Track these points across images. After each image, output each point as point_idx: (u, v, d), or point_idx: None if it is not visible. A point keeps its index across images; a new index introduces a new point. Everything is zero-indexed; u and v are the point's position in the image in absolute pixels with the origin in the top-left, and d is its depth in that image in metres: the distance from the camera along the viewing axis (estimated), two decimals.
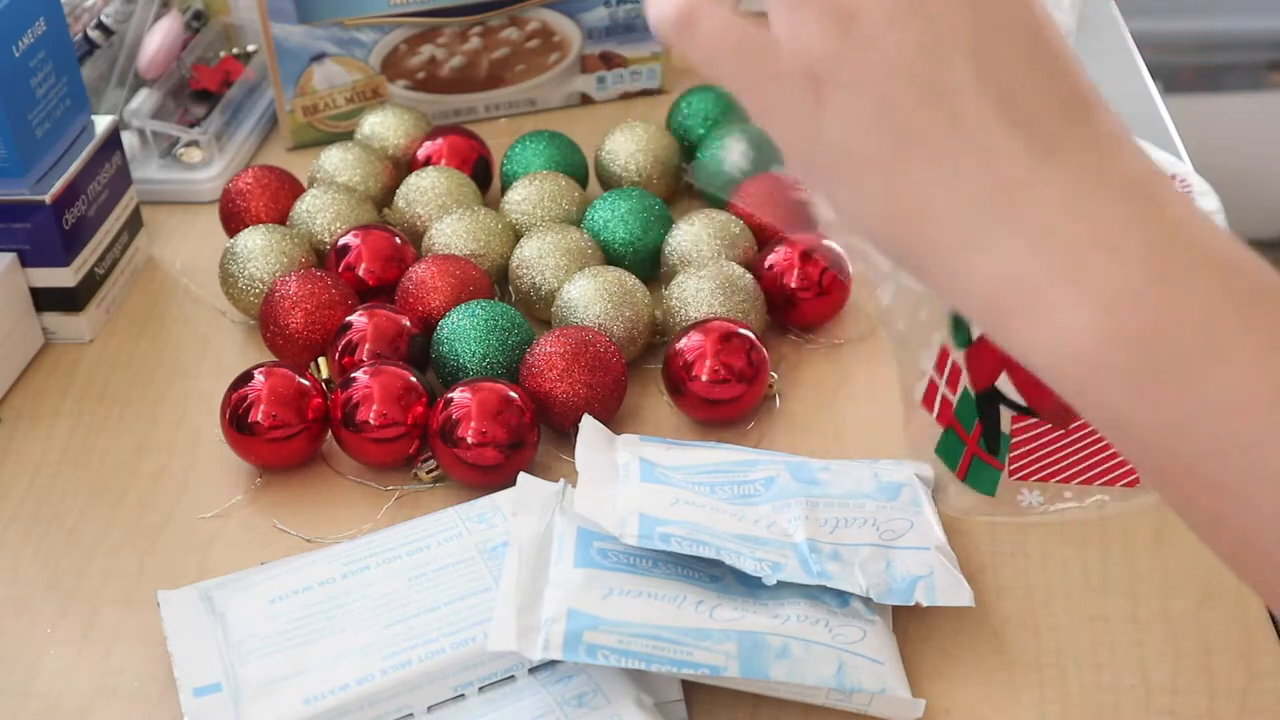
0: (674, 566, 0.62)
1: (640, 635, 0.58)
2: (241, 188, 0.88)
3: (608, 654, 0.57)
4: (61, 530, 0.72)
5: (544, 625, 0.58)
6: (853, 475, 0.68)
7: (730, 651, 0.58)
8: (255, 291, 0.82)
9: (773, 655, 0.59)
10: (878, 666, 0.60)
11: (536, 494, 0.65)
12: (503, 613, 0.59)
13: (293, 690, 0.59)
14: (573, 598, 0.59)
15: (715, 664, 0.58)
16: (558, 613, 0.59)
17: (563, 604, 0.59)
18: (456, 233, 0.83)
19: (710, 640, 0.59)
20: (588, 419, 0.71)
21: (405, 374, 0.73)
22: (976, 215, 0.44)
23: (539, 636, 0.58)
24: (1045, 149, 0.44)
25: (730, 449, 0.71)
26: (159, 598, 0.65)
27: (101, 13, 0.98)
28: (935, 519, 0.66)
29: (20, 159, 0.79)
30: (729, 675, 0.58)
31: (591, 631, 0.58)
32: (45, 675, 0.65)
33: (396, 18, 0.97)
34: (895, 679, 0.60)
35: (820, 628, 0.60)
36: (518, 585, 0.60)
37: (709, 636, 0.59)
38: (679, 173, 0.91)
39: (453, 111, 1.01)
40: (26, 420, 0.79)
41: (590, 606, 0.59)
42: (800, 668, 0.59)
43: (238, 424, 0.72)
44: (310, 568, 0.65)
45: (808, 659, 0.59)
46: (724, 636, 0.59)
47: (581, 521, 0.63)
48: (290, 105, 0.99)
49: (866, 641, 0.61)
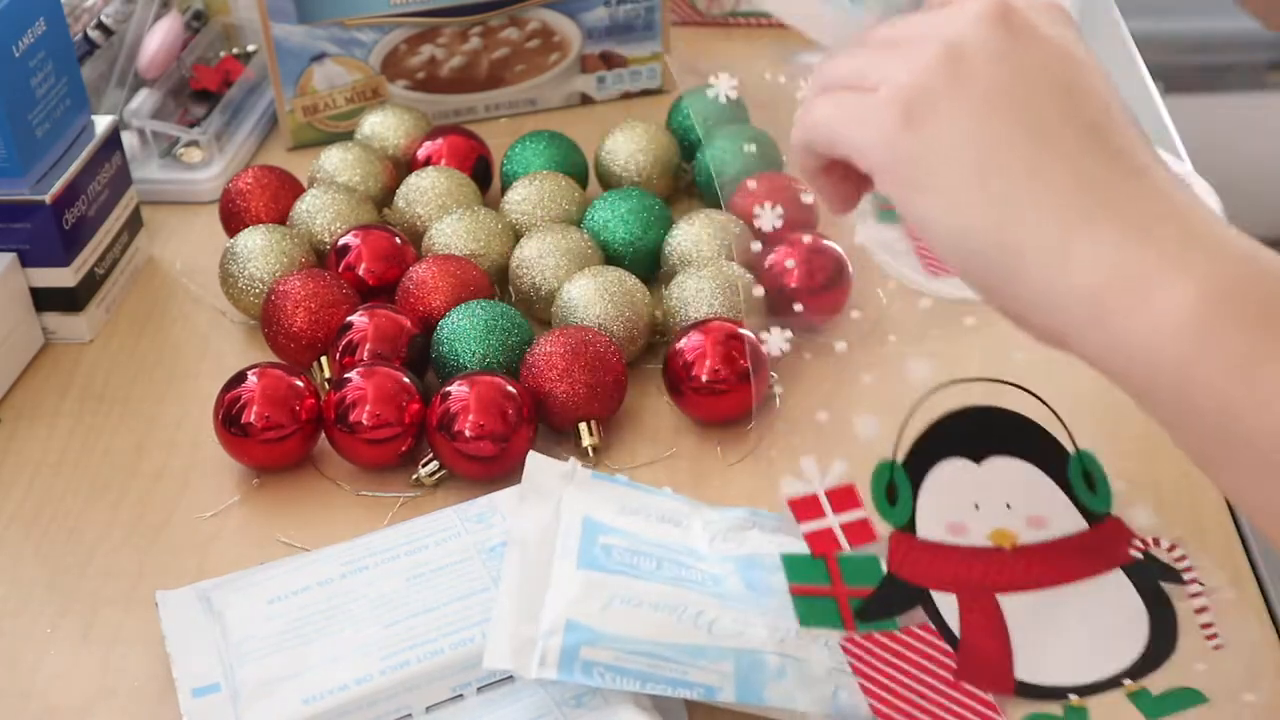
0: (677, 568, 0.62)
1: (637, 652, 0.58)
2: (241, 188, 0.88)
3: (603, 671, 0.57)
4: (61, 530, 0.72)
5: (541, 638, 0.58)
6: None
7: (726, 672, 0.58)
8: (255, 291, 0.82)
9: (769, 676, 0.58)
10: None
11: (546, 474, 0.65)
12: (499, 625, 0.59)
13: (291, 690, 0.59)
14: (572, 607, 0.59)
15: (710, 684, 0.58)
16: (556, 625, 0.58)
17: (561, 615, 0.59)
18: (456, 233, 0.83)
19: (706, 659, 0.58)
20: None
21: (398, 375, 0.73)
22: (1076, 211, 0.47)
23: (535, 652, 0.57)
24: (1134, 170, 0.48)
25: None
26: (158, 598, 0.65)
27: (101, 13, 0.98)
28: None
29: (20, 159, 0.79)
30: (724, 698, 0.58)
31: (589, 647, 0.58)
32: (45, 675, 0.65)
33: (396, 18, 0.97)
34: None
35: (818, 645, 0.60)
36: (518, 588, 0.60)
37: (705, 655, 0.58)
38: (679, 173, 0.91)
39: (453, 111, 1.01)
40: (26, 420, 0.79)
41: (589, 618, 0.59)
42: (795, 692, 0.58)
43: (231, 425, 0.72)
44: (309, 568, 0.65)
45: (804, 681, 0.58)
46: (721, 655, 0.58)
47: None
48: (290, 105, 0.99)
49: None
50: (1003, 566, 0.61)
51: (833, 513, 0.62)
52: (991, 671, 0.60)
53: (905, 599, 0.61)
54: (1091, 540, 0.62)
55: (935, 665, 0.60)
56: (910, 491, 0.62)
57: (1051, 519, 0.62)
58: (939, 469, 0.62)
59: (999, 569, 0.61)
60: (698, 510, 0.67)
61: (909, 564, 0.61)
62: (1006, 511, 0.62)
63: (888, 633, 0.60)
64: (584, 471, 0.66)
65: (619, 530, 0.63)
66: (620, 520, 0.64)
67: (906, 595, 0.61)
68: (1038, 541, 0.62)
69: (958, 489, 0.62)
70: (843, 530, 0.61)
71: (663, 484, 0.69)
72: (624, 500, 0.66)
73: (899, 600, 0.61)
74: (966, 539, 0.62)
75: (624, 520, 0.65)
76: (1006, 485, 0.62)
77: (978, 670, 0.60)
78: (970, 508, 0.62)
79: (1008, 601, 0.61)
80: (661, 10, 1.01)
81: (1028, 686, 0.60)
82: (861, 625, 0.60)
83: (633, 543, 0.63)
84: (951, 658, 0.60)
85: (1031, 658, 0.60)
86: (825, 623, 0.60)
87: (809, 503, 0.62)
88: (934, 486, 0.62)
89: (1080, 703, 0.60)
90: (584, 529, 0.63)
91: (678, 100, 0.94)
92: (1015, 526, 0.62)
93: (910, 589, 0.61)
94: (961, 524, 0.62)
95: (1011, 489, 0.62)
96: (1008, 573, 0.61)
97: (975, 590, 0.61)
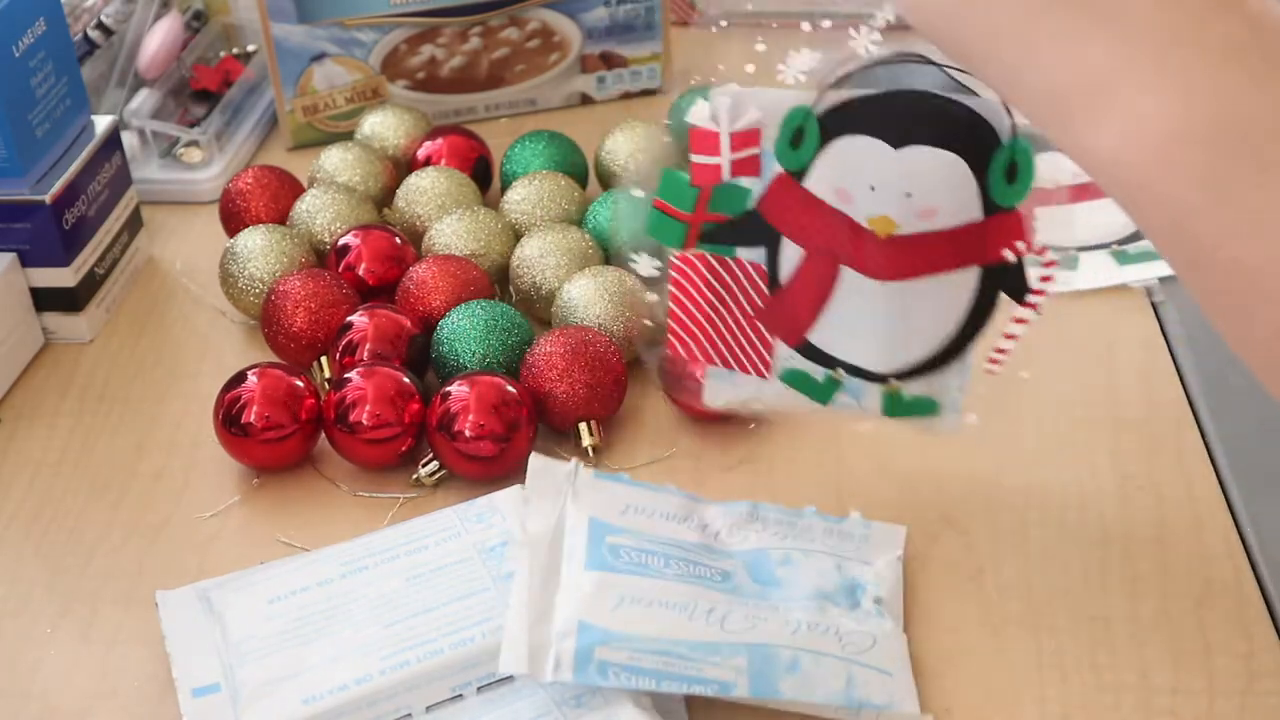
0: (685, 565, 0.62)
1: (650, 651, 0.58)
2: (241, 188, 0.88)
3: (618, 672, 0.57)
4: (61, 530, 0.72)
5: (555, 640, 0.58)
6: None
7: (740, 666, 0.58)
8: (255, 291, 0.82)
9: (782, 669, 0.58)
10: (886, 679, 0.59)
11: (549, 476, 0.65)
12: (512, 630, 0.59)
13: (291, 690, 0.59)
14: (584, 609, 0.59)
15: (725, 680, 0.58)
16: (568, 627, 0.58)
17: (573, 617, 0.59)
18: (456, 233, 0.83)
19: (720, 655, 0.58)
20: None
21: (398, 375, 0.73)
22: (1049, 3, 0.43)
23: (549, 655, 0.57)
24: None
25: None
26: (158, 598, 0.65)
27: (101, 13, 0.98)
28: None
29: (20, 159, 0.79)
30: (739, 694, 0.58)
31: (602, 647, 0.58)
32: (45, 675, 0.65)
33: (396, 18, 0.97)
34: (904, 692, 0.60)
35: (830, 637, 0.60)
36: (528, 592, 0.60)
37: (719, 651, 0.58)
38: None
39: (453, 111, 1.01)
40: (26, 420, 0.79)
41: (600, 618, 0.59)
42: (809, 684, 0.58)
43: (231, 425, 0.72)
44: (309, 568, 0.65)
45: (817, 673, 0.59)
46: (734, 651, 0.58)
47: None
48: (290, 105, 0.99)
49: (877, 649, 0.60)
50: (864, 247, 0.60)
51: (730, 152, 0.59)
52: (789, 324, 0.62)
53: (755, 235, 0.61)
54: (973, 234, 0.59)
55: (744, 299, 0.62)
56: (816, 145, 0.59)
57: (947, 210, 0.59)
58: (853, 139, 0.58)
59: (859, 247, 0.60)
60: (702, 506, 0.67)
61: (778, 208, 0.60)
62: (903, 201, 0.59)
63: (718, 256, 0.62)
64: (586, 472, 0.66)
65: (626, 530, 0.63)
66: (626, 519, 0.64)
67: (758, 232, 0.61)
68: (916, 232, 0.59)
69: (862, 165, 0.58)
70: (732, 166, 0.60)
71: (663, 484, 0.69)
72: (628, 499, 0.66)
73: (748, 234, 0.61)
74: (848, 209, 0.59)
75: (630, 519, 0.64)
76: (914, 175, 0.58)
77: (777, 318, 0.62)
78: (865, 187, 0.59)
79: (847, 275, 0.61)
80: (661, 10, 1.01)
81: (810, 348, 0.63)
82: (701, 246, 0.61)
83: (640, 542, 0.63)
84: (762, 298, 0.62)
85: (829, 327, 0.62)
86: (668, 240, 0.61)
87: (709, 137, 0.59)
88: (840, 151, 0.59)
89: (838, 376, 0.63)
90: (590, 530, 0.63)
91: (677, 100, 0.94)
92: (904, 216, 0.59)
93: (765, 228, 0.61)
94: (849, 194, 0.59)
95: (917, 179, 0.58)
96: (864, 254, 0.60)
97: (825, 253, 0.60)
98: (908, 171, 0.58)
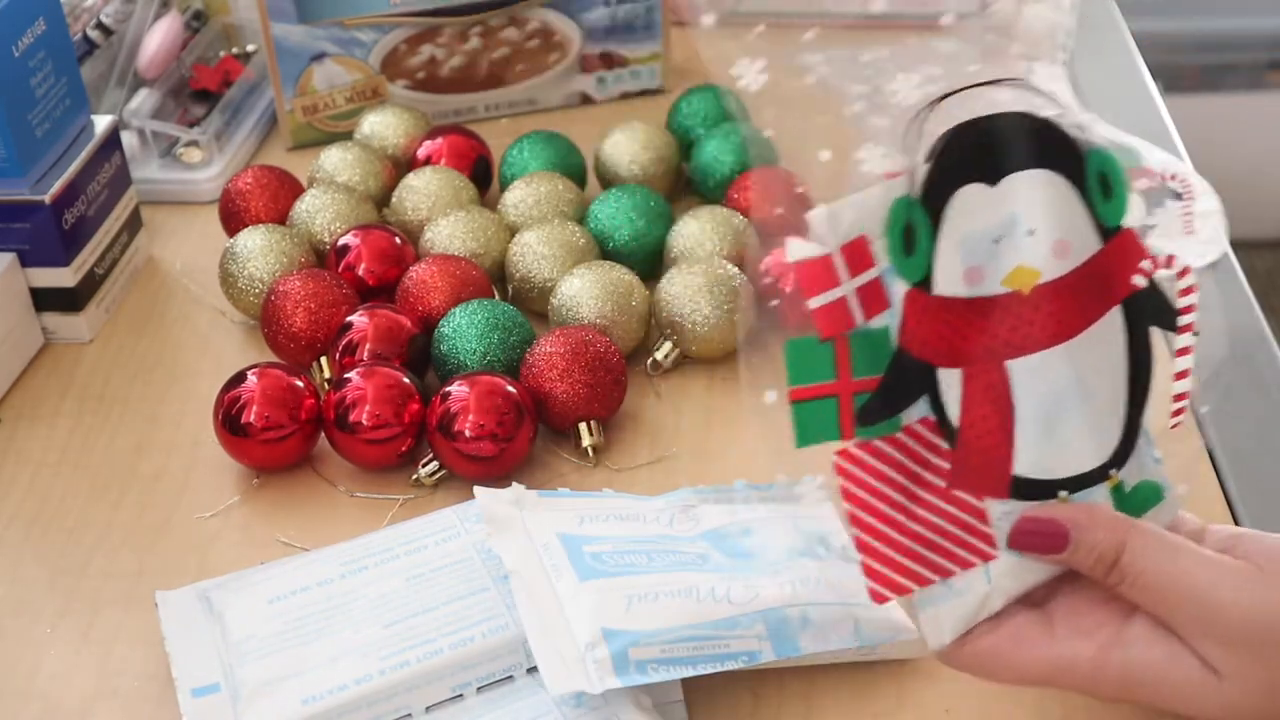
0: (665, 556, 0.63)
1: (678, 640, 0.59)
2: (241, 188, 0.88)
3: (656, 667, 0.58)
4: (61, 530, 0.72)
5: (585, 651, 0.58)
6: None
7: (761, 634, 0.60)
8: (255, 291, 0.82)
9: (796, 627, 0.60)
10: (885, 612, 0.61)
11: (498, 505, 0.65)
12: (544, 651, 0.58)
13: (291, 690, 0.59)
14: (600, 617, 0.59)
15: (751, 650, 0.59)
16: (594, 638, 0.58)
17: (594, 627, 0.59)
18: (454, 233, 0.83)
19: (740, 627, 0.59)
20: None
21: (398, 375, 0.73)
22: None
23: (586, 668, 0.58)
24: None
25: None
26: (157, 598, 0.65)
27: (101, 13, 0.98)
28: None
29: (20, 159, 0.79)
30: (765, 660, 0.59)
31: (635, 648, 0.58)
32: (45, 675, 0.65)
33: (396, 18, 0.97)
34: (903, 619, 0.61)
35: (824, 587, 0.61)
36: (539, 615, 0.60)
37: (738, 624, 0.60)
38: (679, 173, 0.91)
39: (453, 111, 1.01)
40: (26, 420, 0.79)
41: (620, 622, 0.59)
42: (823, 635, 0.60)
43: (231, 425, 0.72)
44: (309, 568, 0.65)
45: (827, 623, 0.60)
46: (751, 620, 0.60)
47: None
48: (290, 105, 0.99)
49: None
50: (1017, 318, 0.51)
51: (848, 276, 0.51)
52: (988, 469, 0.52)
53: (911, 385, 0.52)
54: (1103, 265, 0.52)
55: (929, 472, 0.52)
56: (929, 233, 0.51)
57: (1074, 242, 0.52)
58: (956, 199, 0.51)
59: (1013, 322, 0.51)
60: (641, 502, 0.68)
61: (920, 332, 0.51)
62: (1029, 240, 0.51)
63: (887, 438, 0.52)
64: (530, 493, 0.66)
65: (597, 537, 0.63)
66: (589, 529, 0.65)
67: (913, 380, 0.52)
68: (1058, 275, 0.52)
69: (974, 223, 0.51)
70: (858, 297, 0.51)
71: (663, 484, 0.69)
72: (579, 510, 0.66)
73: (905, 387, 0.52)
74: (982, 288, 0.51)
75: (590, 529, 0.65)
76: (1027, 205, 0.51)
77: (975, 470, 0.52)
78: (989, 245, 0.51)
79: (1016, 367, 0.52)
80: (661, 10, 1.01)
81: (1023, 484, 0.53)
82: (861, 431, 0.52)
83: (615, 544, 0.64)
84: (947, 458, 0.52)
85: (1029, 444, 0.52)
86: (823, 434, 0.52)
87: (821, 267, 0.50)
88: (950, 225, 0.51)
89: (1063, 501, 0.53)
90: (565, 545, 0.63)
91: (677, 100, 0.94)
92: (1038, 258, 0.51)
93: (917, 369, 0.52)
94: (978, 268, 0.51)
95: (1032, 209, 0.51)
96: (1021, 326, 0.52)
97: (982, 357, 0.52)
98: (1016, 204, 0.51)
